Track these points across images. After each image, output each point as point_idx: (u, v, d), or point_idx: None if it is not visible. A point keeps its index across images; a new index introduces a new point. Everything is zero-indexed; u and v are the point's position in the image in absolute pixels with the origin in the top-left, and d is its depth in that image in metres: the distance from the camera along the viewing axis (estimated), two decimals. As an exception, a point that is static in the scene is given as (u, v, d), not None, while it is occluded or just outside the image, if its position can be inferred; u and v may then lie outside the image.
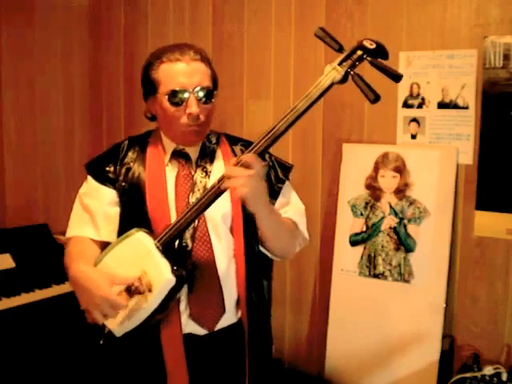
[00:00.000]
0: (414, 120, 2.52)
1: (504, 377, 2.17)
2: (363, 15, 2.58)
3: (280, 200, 1.61)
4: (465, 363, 2.32)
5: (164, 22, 3.15)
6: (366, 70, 1.38)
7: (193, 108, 1.46)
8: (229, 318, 1.53)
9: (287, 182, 1.65)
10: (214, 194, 1.36)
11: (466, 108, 2.40)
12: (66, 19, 3.25)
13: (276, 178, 1.62)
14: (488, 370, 2.19)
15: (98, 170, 1.58)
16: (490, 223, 2.36)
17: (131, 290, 1.35)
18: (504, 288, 2.36)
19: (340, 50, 1.37)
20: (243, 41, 2.91)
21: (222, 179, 1.35)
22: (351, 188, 2.62)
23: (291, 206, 1.63)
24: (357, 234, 2.59)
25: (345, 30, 2.60)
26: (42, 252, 2.76)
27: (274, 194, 1.59)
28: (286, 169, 1.66)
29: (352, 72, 1.35)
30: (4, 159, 3.00)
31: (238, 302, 1.54)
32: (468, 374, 2.20)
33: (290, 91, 2.79)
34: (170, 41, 2.94)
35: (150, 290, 1.34)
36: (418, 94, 2.50)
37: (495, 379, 2.16)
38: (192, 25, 3.06)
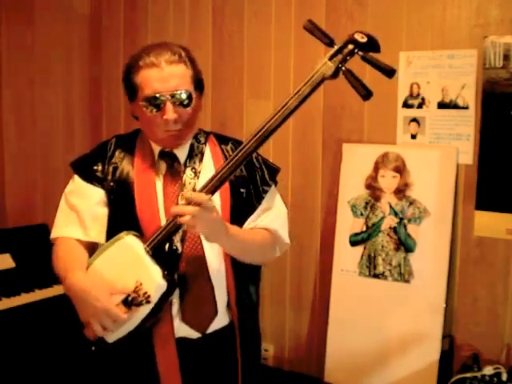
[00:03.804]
0: (414, 120, 2.52)
1: (504, 377, 2.17)
2: (363, 15, 2.58)
3: (263, 205, 1.58)
4: (465, 363, 2.32)
5: (164, 21, 3.14)
6: (367, 67, 1.37)
7: (169, 114, 1.43)
8: (220, 320, 1.52)
9: (273, 186, 1.62)
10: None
11: (466, 108, 2.40)
12: (66, 19, 3.25)
13: (262, 180, 1.58)
14: (488, 370, 2.19)
15: (85, 168, 1.54)
16: (490, 223, 2.36)
17: (128, 301, 1.33)
18: (504, 288, 2.36)
19: (331, 44, 1.34)
20: (243, 41, 2.91)
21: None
22: (351, 188, 2.61)
23: (272, 212, 1.60)
24: (357, 234, 2.59)
25: (345, 29, 2.60)
26: (42, 252, 2.73)
27: (258, 196, 1.56)
28: (274, 171, 1.63)
29: (343, 67, 1.32)
30: (4, 159, 3.00)
31: (229, 304, 1.53)
32: (468, 374, 2.20)
33: (290, 91, 2.76)
34: (169, 41, 2.94)
35: (148, 302, 1.32)
36: (418, 94, 2.50)
37: (495, 379, 2.16)
38: (192, 25, 3.06)
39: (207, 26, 3.01)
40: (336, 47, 1.33)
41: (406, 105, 2.53)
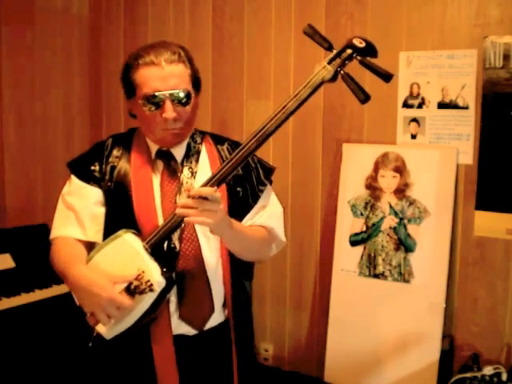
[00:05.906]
0: (414, 120, 2.52)
1: (504, 377, 2.17)
2: (363, 15, 2.58)
3: (259, 204, 1.60)
4: (465, 363, 2.32)
5: (164, 22, 3.15)
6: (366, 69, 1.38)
7: (168, 113, 1.44)
8: (217, 317, 1.54)
9: (268, 185, 1.64)
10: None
11: (466, 108, 2.40)
12: (66, 19, 3.26)
13: (258, 180, 1.60)
14: (488, 370, 2.19)
15: (82, 168, 1.55)
16: (489, 223, 2.37)
17: (131, 289, 1.34)
18: (504, 288, 2.36)
19: (329, 48, 1.36)
20: (243, 41, 2.91)
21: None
22: (351, 188, 2.62)
23: (268, 210, 1.62)
24: (357, 234, 2.59)
25: (345, 29, 2.60)
26: (42, 252, 2.72)
27: (254, 196, 1.58)
28: (269, 171, 1.64)
29: (342, 71, 1.34)
30: (4, 159, 3.00)
31: (225, 301, 1.55)
32: (468, 374, 2.20)
33: (290, 91, 2.78)
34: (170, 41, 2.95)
35: (151, 290, 1.33)
36: (418, 94, 2.50)
37: (495, 379, 2.16)
38: (192, 25, 3.06)
39: (207, 26, 3.01)
40: (335, 51, 1.35)
41: (406, 105, 2.54)
